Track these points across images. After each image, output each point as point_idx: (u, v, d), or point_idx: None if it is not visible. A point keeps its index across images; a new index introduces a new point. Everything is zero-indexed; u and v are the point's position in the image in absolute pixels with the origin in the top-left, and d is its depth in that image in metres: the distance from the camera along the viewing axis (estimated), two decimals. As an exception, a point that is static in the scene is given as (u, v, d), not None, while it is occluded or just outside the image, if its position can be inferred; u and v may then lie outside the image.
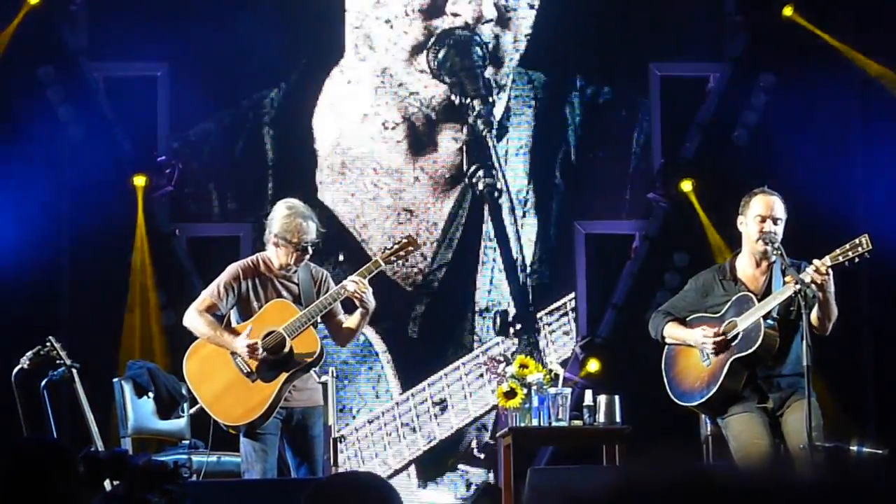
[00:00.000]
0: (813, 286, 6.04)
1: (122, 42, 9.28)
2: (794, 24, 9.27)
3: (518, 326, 9.32)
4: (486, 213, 9.39)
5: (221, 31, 9.18)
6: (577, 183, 9.43)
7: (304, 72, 9.42)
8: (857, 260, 6.08)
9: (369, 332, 9.17)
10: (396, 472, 9.17)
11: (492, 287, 9.37)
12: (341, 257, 9.13)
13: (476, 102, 9.39)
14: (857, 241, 6.07)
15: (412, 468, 9.26)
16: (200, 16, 9.21)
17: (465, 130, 9.41)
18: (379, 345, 9.30)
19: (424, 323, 9.33)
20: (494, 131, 9.40)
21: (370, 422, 9.27)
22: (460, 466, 9.26)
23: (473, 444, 9.27)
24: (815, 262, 6.04)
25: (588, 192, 9.43)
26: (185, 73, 9.26)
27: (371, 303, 6.44)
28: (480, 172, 9.38)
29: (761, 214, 6.27)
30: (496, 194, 9.37)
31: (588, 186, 9.42)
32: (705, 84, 9.50)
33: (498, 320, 9.34)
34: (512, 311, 9.35)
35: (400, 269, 9.24)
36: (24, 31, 9.01)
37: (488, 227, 9.38)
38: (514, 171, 9.41)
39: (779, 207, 6.30)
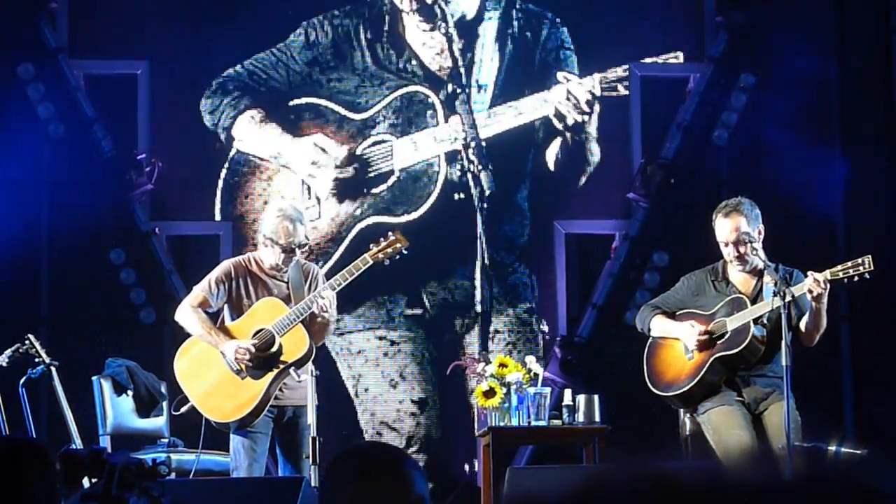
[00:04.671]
0: (808, 295, 6.07)
1: (103, 40, 9.26)
2: (774, 25, 9.30)
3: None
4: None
5: (201, 28, 9.17)
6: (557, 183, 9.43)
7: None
8: (856, 278, 6.11)
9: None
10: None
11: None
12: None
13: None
14: (859, 260, 6.11)
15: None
16: (180, 14, 9.19)
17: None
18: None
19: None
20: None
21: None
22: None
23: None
24: (815, 274, 6.06)
25: (568, 191, 9.43)
26: (165, 71, 9.24)
27: (332, 315, 6.52)
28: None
29: (722, 241, 6.32)
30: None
31: (568, 186, 9.42)
32: (685, 84, 9.51)
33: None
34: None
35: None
36: (3, 28, 8.98)
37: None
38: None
39: (742, 225, 6.28)
